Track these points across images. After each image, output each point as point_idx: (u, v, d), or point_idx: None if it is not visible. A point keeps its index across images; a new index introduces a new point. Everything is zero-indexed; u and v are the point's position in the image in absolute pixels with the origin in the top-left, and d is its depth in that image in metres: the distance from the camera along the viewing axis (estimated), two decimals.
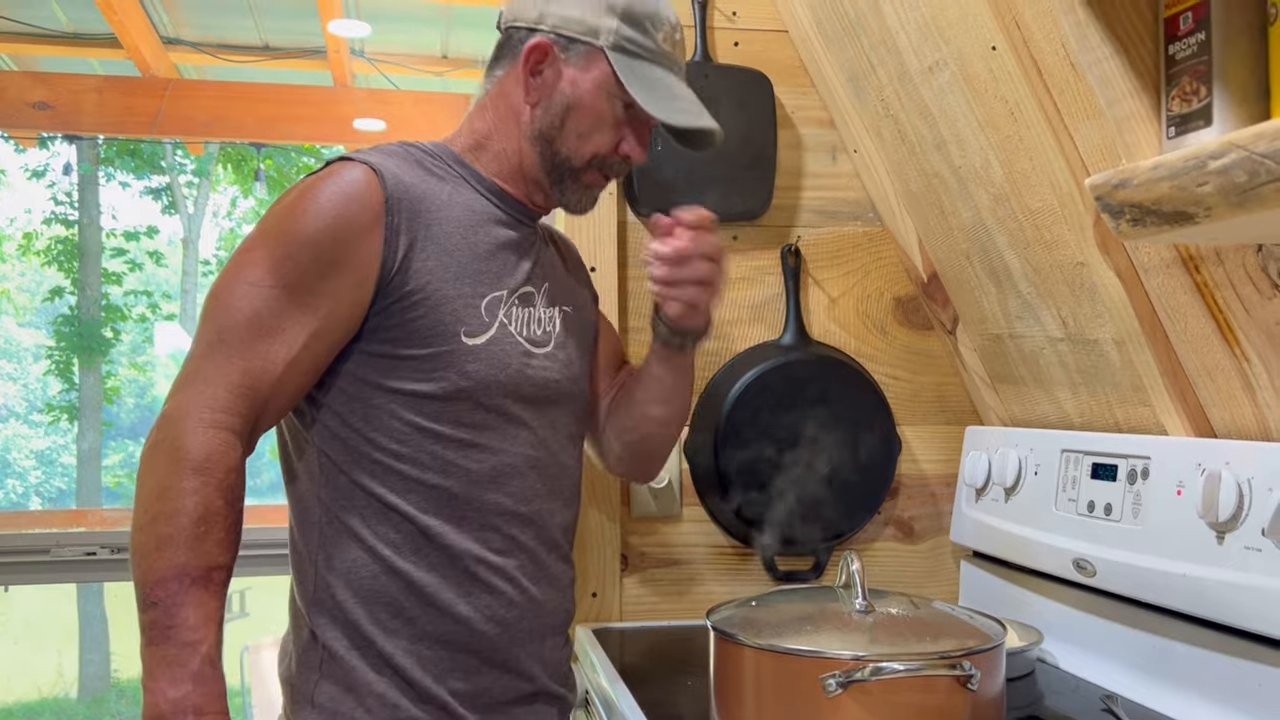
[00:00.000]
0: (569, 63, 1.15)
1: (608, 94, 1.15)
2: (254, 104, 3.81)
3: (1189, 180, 0.71)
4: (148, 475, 0.99)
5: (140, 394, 14.52)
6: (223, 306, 1.03)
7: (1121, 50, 0.78)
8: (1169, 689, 1.21)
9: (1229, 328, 1.16)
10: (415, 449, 1.07)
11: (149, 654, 0.96)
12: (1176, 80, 0.75)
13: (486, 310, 1.12)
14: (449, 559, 1.08)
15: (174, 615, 0.95)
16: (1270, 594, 1.05)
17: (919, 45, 1.44)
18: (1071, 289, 1.38)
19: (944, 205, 1.57)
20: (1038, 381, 1.57)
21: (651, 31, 1.16)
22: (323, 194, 1.06)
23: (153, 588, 0.95)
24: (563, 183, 1.19)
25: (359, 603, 1.07)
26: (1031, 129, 1.28)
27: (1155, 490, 1.22)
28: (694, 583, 1.67)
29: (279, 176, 10.42)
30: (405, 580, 1.07)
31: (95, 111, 3.72)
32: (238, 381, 1.01)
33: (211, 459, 0.98)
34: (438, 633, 1.08)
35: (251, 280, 1.03)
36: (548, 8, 1.16)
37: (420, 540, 1.08)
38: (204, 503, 0.97)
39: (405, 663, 1.06)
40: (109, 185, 11.13)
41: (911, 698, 0.96)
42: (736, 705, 1.04)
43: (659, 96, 1.15)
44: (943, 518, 1.74)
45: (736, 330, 1.69)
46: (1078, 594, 1.40)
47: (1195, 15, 0.73)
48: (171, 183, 11.51)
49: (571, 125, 1.16)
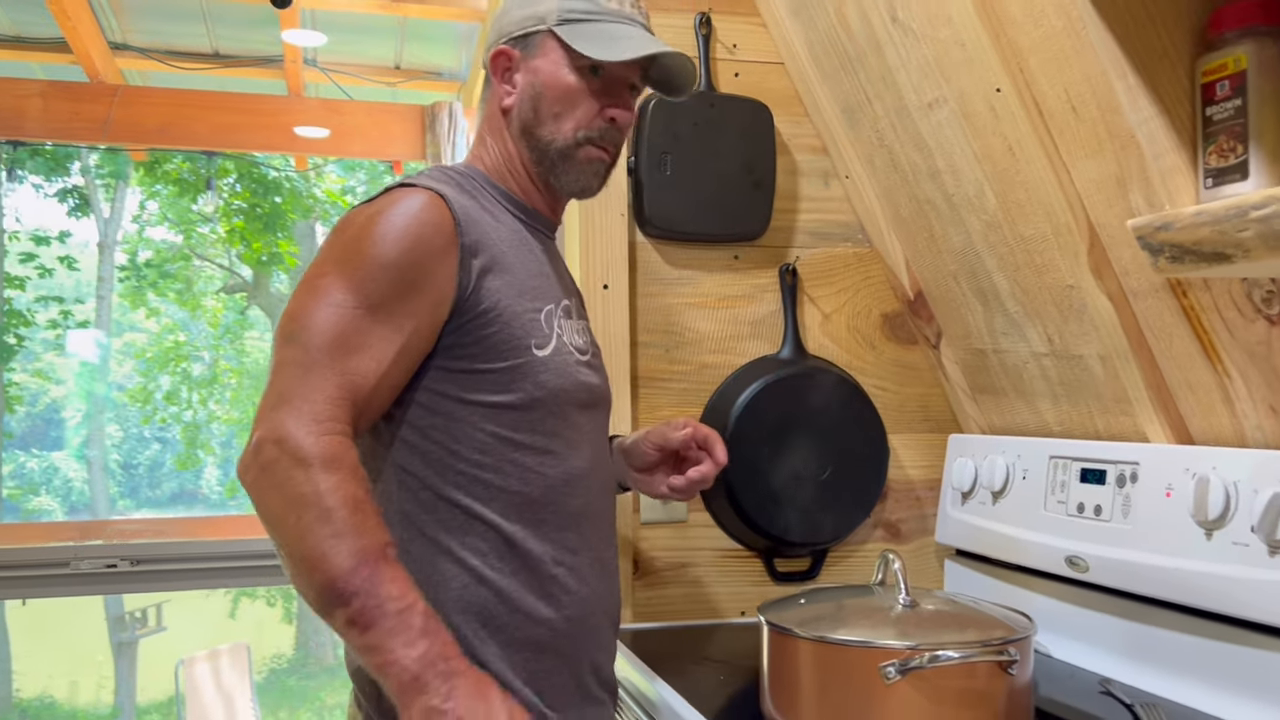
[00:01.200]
0: (528, 57, 1.22)
1: (567, 67, 1.20)
2: (206, 111, 3.77)
3: (1230, 226, 0.83)
4: (274, 496, 0.99)
5: (33, 401, 14.03)
6: (307, 327, 1.05)
7: (1165, 111, 0.89)
8: (1159, 673, 1.34)
9: (1213, 347, 1.29)
10: (498, 458, 1.13)
11: (368, 638, 0.96)
12: (1214, 138, 0.87)
13: (546, 322, 1.18)
14: (530, 564, 1.14)
15: (377, 594, 0.95)
16: (1256, 585, 1.18)
17: (919, 83, 1.55)
18: (1060, 309, 1.50)
19: (934, 229, 1.69)
20: (1019, 393, 1.70)
21: None
22: (397, 220, 1.10)
23: (345, 581, 0.95)
24: (555, 168, 1.23)
25: (452, 613, 1.10)
26: (1032, 164, 1.40)
27: (1145, 493, 1.35)
28: (700, 585, 1.75)
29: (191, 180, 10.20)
30: (493, 588, 1.12)
31: (40, 117, 3.64)
32: (336, 395, 1.03)
33: (337, 456, 0.99)
34: (525, 637, 1.13)
35: (334, 301, 1.06)
36: (501, 23, 1.25)
37: (504, 548, 1.13)
38: (349, 493, 0.98)
39: (499, 668, 1.11)
40: (22, 187, 10.74)
41: (959, 683, 1.06)
42: (793, 695, 1.13)
43: (605, 43, 1.19)
44: (927, 520, 1.86)
45: (739, 345, 1.79)
46: (1065, 588, 1.53)
47: (1232, 83, 0.85)
48: (87, 185, 11.17)
49: (545, 109, 1.21)
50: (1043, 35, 1.26)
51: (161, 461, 17.23)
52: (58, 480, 15.20)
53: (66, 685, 11.27)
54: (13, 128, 3.69)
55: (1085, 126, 1.27)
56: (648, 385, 1.74)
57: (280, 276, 12.33)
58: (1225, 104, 0.86)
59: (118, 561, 1.63)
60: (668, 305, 1.76)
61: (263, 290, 12.58)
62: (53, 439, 15.01)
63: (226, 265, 12.83)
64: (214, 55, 3.94)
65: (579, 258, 1.70)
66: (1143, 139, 0.94)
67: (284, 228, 10.71)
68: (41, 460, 14.88)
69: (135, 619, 8.62)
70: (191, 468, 14.49)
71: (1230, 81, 0.85)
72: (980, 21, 1.36)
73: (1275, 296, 1.18)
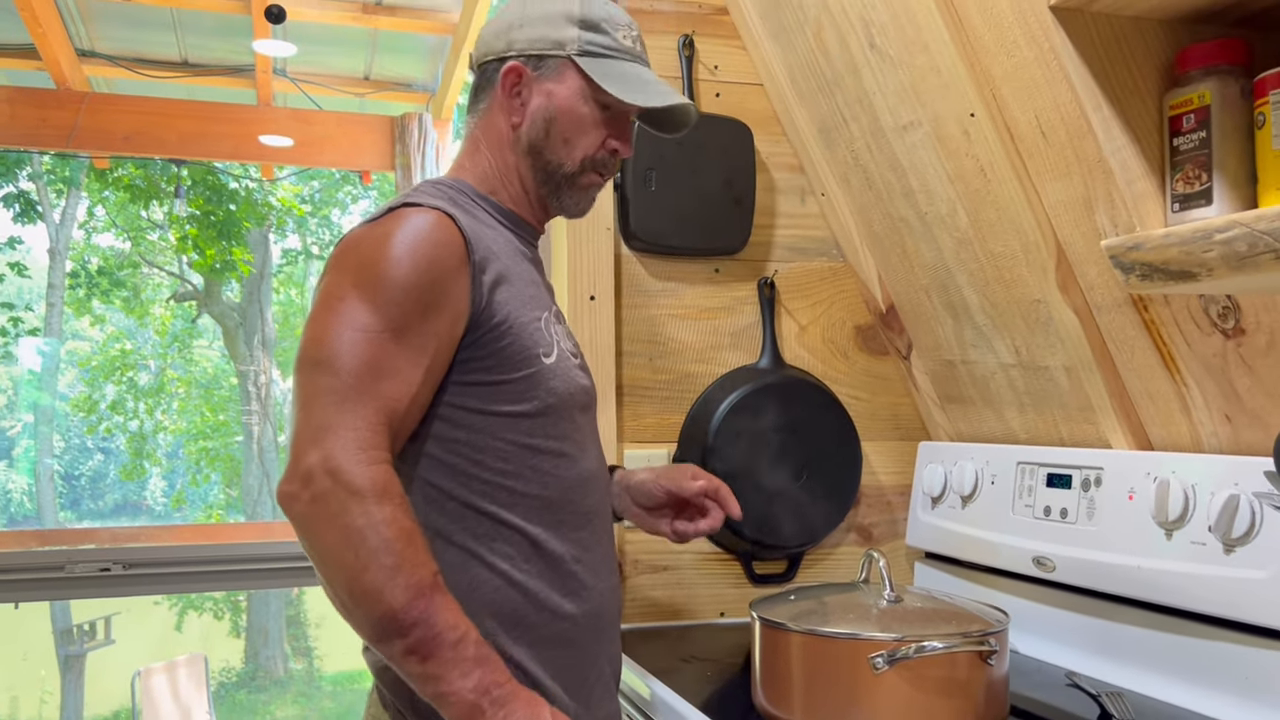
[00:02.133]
0: (543, 78, 1.25)
1: (584, 98, 1.25)
2: (175, 120, 3.77)
3: (1196, 248, 0.90)
4: (328, 528, 1.00)
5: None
6: (338, 354, 1.06)
7: (1135, 141, 0.97)
8: (1123, 666, 1.43)
9: (1172, 358, 1.38)
10: (519, 465, 1.17)
11: (427, 668, 1.00)
12: (1180, 166, 0.95)
13: (546, 330, 1.23)
14: (553, 563, 1.19)
15: (434, 624, 1.00)
16: (1212, 581, 1.27)
17: (895, 106, 1.63)
18: (1027, 322, 1.59)
19: (906, 246, 1.77)
20: (986, 402, 1.78)
21: (610, 31, 1.27)
22: (411, 241, 1.12)
23: (404, 613, 0.99)
24: (559, 189, 1.29)
25: (485, 617, 1.14)
26: (1003, 185, 1.48)
27: (1108, 496, 1.44)
28: (681, 587, 1.81)
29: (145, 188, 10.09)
30: (522, 589, 1.16)
31: (6, 123, 3.61)
32: (376, 421, 1.06)
33: (387, 487, 1.03)
34: (552, 634, 1.18)
35: (359, 327, 1.08)
36: (513, 35, 1.27)
37: (530, 549, 1.17)
38: (402, 525, 1.02)
39: (530, 667, 1.16)
40: None
41: (941, 672, 1.13)
42: (785, 687, 1.19)
43: (631, 86, 1.25)
44: (898, 524, 1.94)
45: (719, 355, 1.85)
46: (1032, 587, 1.61)
47: (1197, 117, 0.93)
48: (38, 191, 11.00)
49: (556, 134, 1.26)
50: (1015, 64, 1.35)
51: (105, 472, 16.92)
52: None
53: (7, 700, 11.03)
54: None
55: (1054, 150, 1.35)
56: (632, 393, 1.80)
57: (233, 285, 12.22)
58: (1191, 135, 0.94)
59: (111, 565, 1.66)
60: (652, 316, 1.82)
61: (214, 298, 12.45)
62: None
63: (176, 273, 12.69)
64: (183, 64, 3.94)
65: (567, 270, 1.76)
66: (1115, 166, 1.02)
67: (238, 235, 10.63)
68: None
69: (84, 632, 8.49)
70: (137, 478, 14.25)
71: (1195, 115, 0.93)
72: (956, 50, 1.44)
73: (1230, 312, 1.27)
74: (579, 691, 1.20)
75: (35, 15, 3.13)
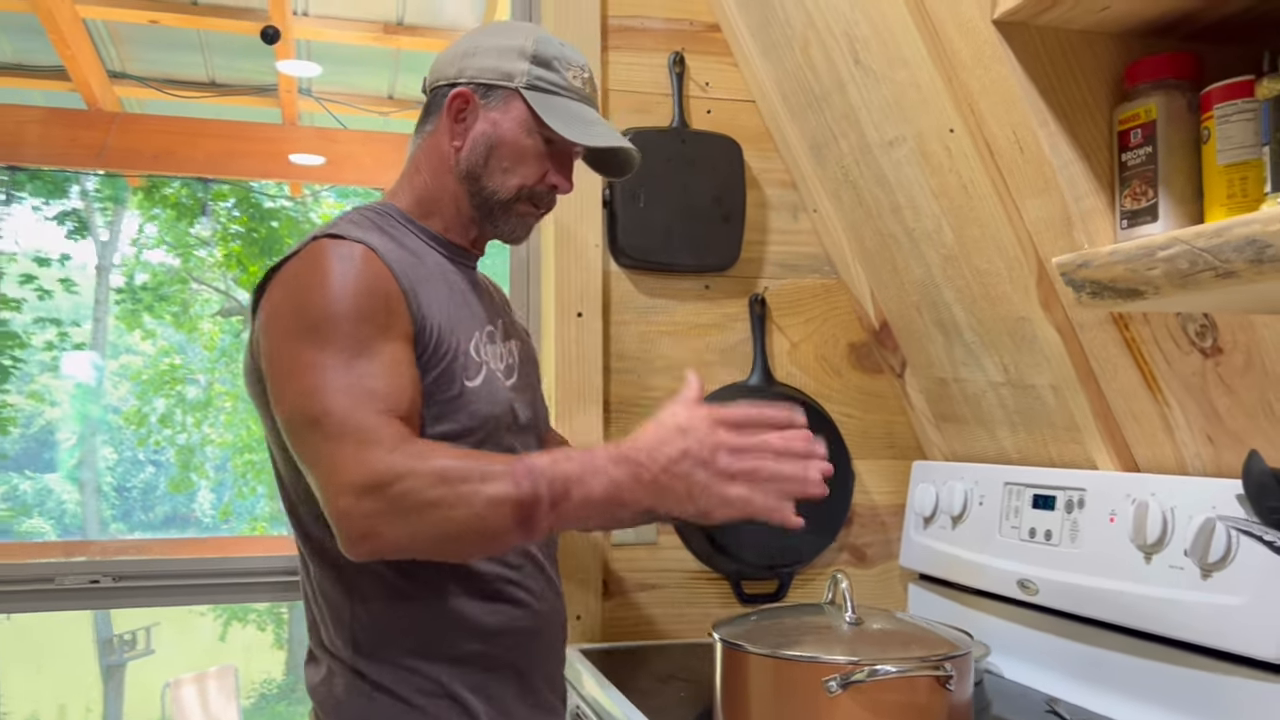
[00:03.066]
0: (489, 107, 1.26)
1: (527, 130, 1.26)
2: (201, 139, 3.85)
3: (1140, 265, 0.88)
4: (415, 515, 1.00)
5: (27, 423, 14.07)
6: (325, 411, 1.04)
7: (1084, 157, 0.95)
8: (1104, 693, 1.39)
9: (1153, 378, 1.35)
10: None
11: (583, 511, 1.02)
12: (1128, 182, 0.93)
13: (475, 352, 1.23)
14: (478, 583, 1.19)
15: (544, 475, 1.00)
16: (1190, 606, 1.23)
17: (880, 122, 1.61)
18: (1014, 340, 1.56)
19: (896, 262, 1.75)
20: (979, 421, 1.75)
21: (561, 70, 1.28)
22: (346, 270, 1.12)
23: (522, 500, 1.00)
24: (493, 215, 1.29)
25: (404, 637, 1.15)
26: (984, 201, 1.46)
27: (1090, 518, 1.40)
28: (668, 605, 1.80)
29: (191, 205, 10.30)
30: (443, 609, 1.17)
31: (39, 143, 3.72)
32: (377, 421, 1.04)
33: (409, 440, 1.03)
34: (473, 651, 1.18)
35: (328, 365, 1.06)
36: (465, 63, 1.28)
37: (451, 571, 1.17)
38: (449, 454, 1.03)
39: (447, 680, 1.16)
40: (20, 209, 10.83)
41: (899, 697, 1.11)
42: (743, 708, 1.17)
43: (573, 124, 1.26)
44: (891, 544, 1.91)
45: (709, 372, 1.84)
46: (1019, 611, 1.57)
47: (1144, 132, 0.91)
48: (86, 209, 11.26)
49: (495, 162, 1.26)
50: (991, 79, 1.33)
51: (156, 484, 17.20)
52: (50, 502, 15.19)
53: (55, 709, 11.22)
54: (12, 153, 3.77)
55: (1031, 166, 1.32)
56: (620, 410, 1.80)
57: None
58: (1138, 150, 0.92)
59: (100, 577, 1.68)
60: (641, 333, 1.81)
61: None
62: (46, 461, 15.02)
63: (223, 289, 12.90)
64: (210, 84, 4.02)
65: (553, 286, 1.76)
66: (1063, 182, 1.00)
67: (280, 252, 10.77)
68: (35, 482, 14.89)
69: (124, 642, 8.62)
70: (185, 491, 14.47)
71: (1143, 130, 0.91)
72: (934, 64, 1.43)
73: (1208, 330, 1.24)
74: (506, 708, 1.20)
75: (64, 38, 3.22)
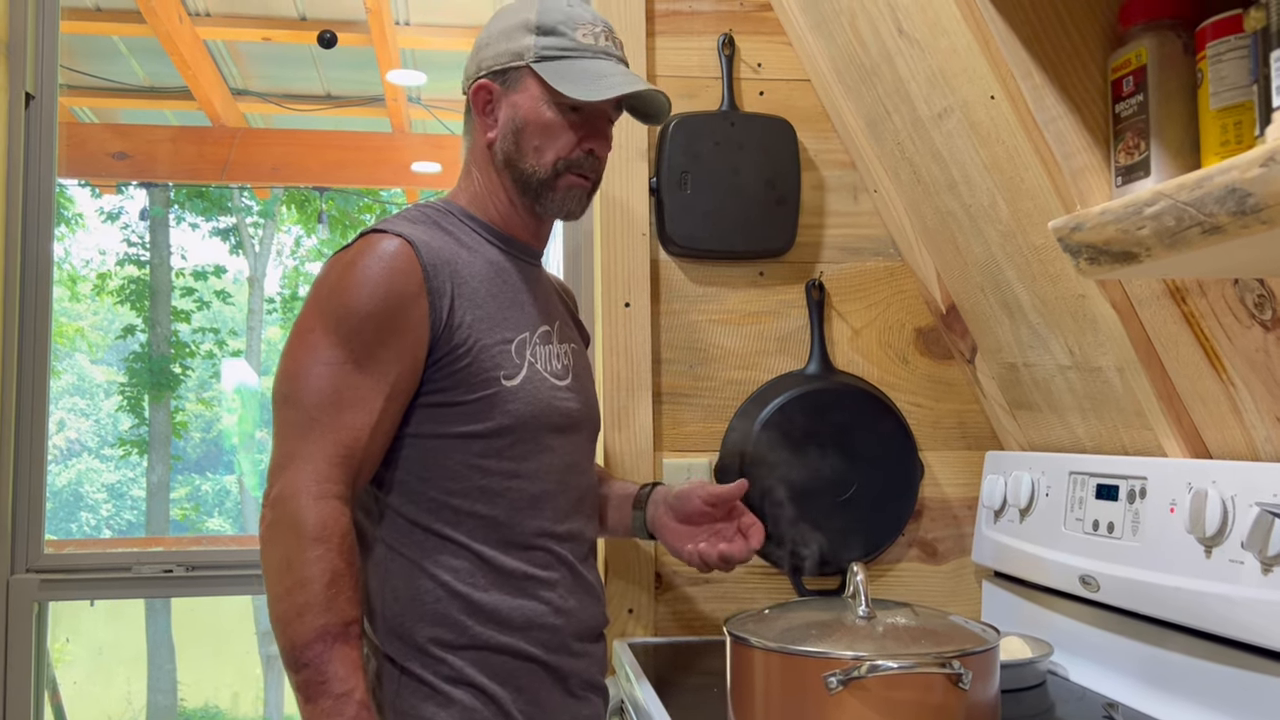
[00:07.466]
0: (508, 91, 1.26)
1: (545, 102, 1.25)
2: (317, 150, 4.02)
3: (1130, 225, 0.80)
4: (272, 551, 1.09)
5: (206, 428, 14.94)
6: (303, 389, 1.14)
7: (1075, 110, 0.87)
8: (1168, 698, 1.28)
9: (1215, 355, 1.23)
10: (465, 484, 1.19)
11: (309, 711, 1.07)
12: (1122, 136, 0.85)
13: (517, 353, 1.24)
14: (503, 578, 1.20)
15: (324, 671, 1.05)
16: (1251, 604, 1.12)
17: (928, 93, 1.53)
18: (1075, 320, 1.46)
19: (958, 241, 1.66)
20: (1051, 407, 1.64)
21: (568, 32, 1.26)
22: (369, 268, 1.16)
23: (301, 651, 1.06)
24: (540, 196, 1.29)
25: (427, 625, 1.18)
26: (1030, 171, 1.37)
27: (1151, 509, 1.30)
28: (724, 601, 1.76)
29: (340, 216, 10.73)
30: (466, 601, 1.19)
31: (169, 160, 3.95)
32: (334, 454, 1.12)
33: (328, 527, 1.09)
34: (499, 643, 1.19)
35: (324, 360, 1.14)
36: (481, 56, 1.29)
37: (478, 564, 1.19)
38: (329, 568, 1.08)
39: (471, 672, 1.18)
40: (179, 227, 11.57)
41: (909, 695, 1.04)
42: (749, 704, 1.13)
43: (582, 83, 1.24)
44: (965, 539, 1.82)
45: (764, 361, 1.79)
46: (1084, 609, 1.47)
47: (1135, 79, 0.82)
48: (238, 224, 11.92)
49: (526, 143, 1.26)
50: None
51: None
52: (229, 503, 16.12)
53: (229, 696, 11.89)
54: (147, 171, 4.02)
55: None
56: (671, 401, 1.76)
57: None
58: (1130, 100, 0.83)
59: (174, 567, 1.76)
60: (691, 322, 1.78)
61: None
62: (225, 464, 15.95)
63: None
64: (326, 97, 4.19)
65: (599, 276, 1.74)
66: (1050, 138, 0.92)
67: None
68: (215, 484, 15.82)
69: None
70: None
71: (1134, 77, 0.82)
72: (969, 29, 1.35)
73: (1266, 300, 1.12)
74: (536, 698, 1.21)
75: (185, 60, 3.41)
